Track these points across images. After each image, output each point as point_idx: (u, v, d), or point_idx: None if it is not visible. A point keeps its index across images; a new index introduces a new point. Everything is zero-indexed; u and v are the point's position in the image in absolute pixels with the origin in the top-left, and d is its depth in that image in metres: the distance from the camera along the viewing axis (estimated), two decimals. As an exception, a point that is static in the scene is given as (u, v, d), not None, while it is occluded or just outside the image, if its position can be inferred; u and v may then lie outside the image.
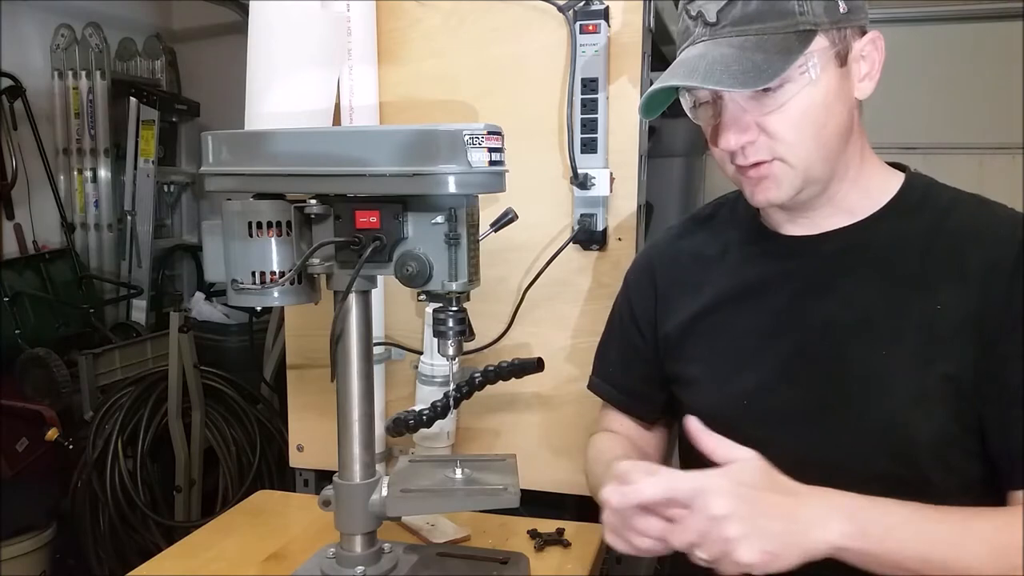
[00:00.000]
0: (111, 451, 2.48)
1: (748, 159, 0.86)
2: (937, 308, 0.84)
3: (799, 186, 0.87)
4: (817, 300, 0.90)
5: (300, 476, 1.61)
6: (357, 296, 0.98)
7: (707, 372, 0.99)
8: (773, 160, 0.85)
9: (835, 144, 0.86)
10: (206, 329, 2.96)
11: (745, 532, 0.70)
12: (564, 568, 1.15)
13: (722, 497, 0.71)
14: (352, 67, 1.36)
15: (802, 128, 0.84)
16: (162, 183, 3.57)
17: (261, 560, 1.17)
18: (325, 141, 0.92)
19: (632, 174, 1.35)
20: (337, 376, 0.99)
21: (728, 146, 0.86)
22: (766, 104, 0.83)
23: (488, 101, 1.40)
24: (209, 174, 0.96)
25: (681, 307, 1.03)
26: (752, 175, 0.88)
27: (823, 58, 0.82)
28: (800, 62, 0.81)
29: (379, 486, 1.00)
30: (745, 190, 0.91)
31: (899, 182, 0.92)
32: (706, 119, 0.90)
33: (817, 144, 0.85)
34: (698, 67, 0.82)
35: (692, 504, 0.72)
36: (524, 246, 1.39)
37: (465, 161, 0.85)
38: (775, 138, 0.84)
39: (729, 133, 0.85)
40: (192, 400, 2.58)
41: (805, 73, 0.82)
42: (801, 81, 0.82)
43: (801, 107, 0.83)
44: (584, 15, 1.30)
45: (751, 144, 0.85)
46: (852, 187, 0.91)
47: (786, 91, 0.82)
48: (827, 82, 0.83)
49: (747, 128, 0.85)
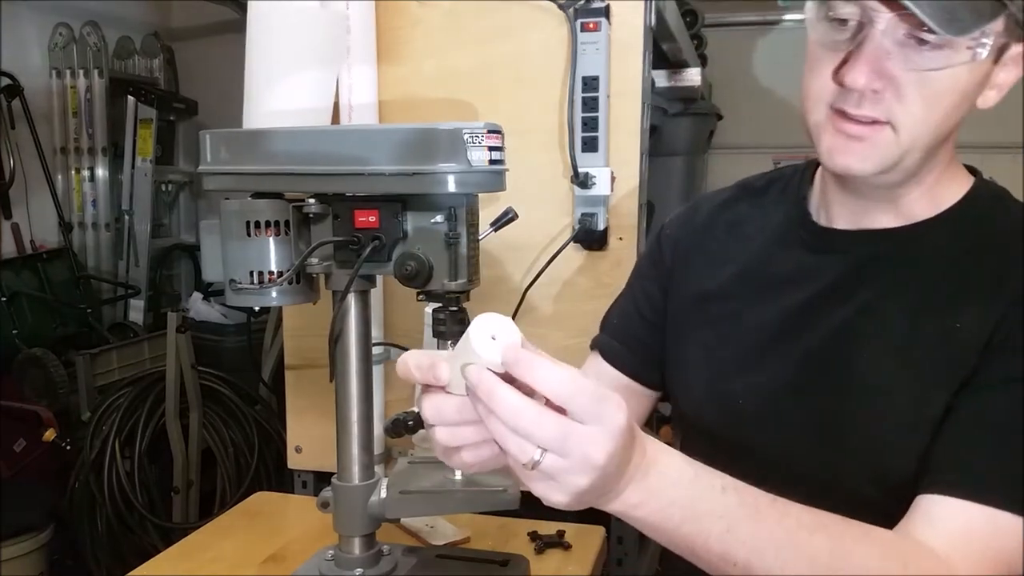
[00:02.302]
0: (109, 452, 2.48)
1: (860, 108, 0.74)
2: (957, 330, 0.76)
3: (890, 165, 0.76)
4: (836, 304, 0.83)
5: (298, 477, 1.60)
6: (356, 296, 0.97)
7: (705, 363, 0.93)
8: (883, 123, 0.74)
9: (944, 137, 0.77)
10: (204, 329, 2.96)
11: (591, 487, 0.58)
12: (564, 570, 1.15)
13: (610, 443, 0.57)
14: (351, 66, 1.36)
15: (935, 106, 0.73)
16: (160, 182, 3.57)
17: (259, 562, 1.17)
18: (324, 140, 0.91)
19: (633, 173, 1.34)
20: (336, 376, 0.99)
21: (856, 83, 0.72)
22: (917, 60, 0.70)
23: (488, 100, 1.40)
24: (207, 173, 0.95)
25: (699, 275, 0.96)
26: (852, 130, 0.75)
27: (994, 45, 0.71)
28: (978, 34, 0.69)
29: (378, 488, 1.00)
30: (827, 147, 0.77)
31: (963, 189, 0.84)
32: (831, 39, 0.75)
33: (936, 130, 0.74)
34: None
35: (583, 421, 0.57)
36: (524, 246, 1.38)
37: (465, 160, 0.84)
38: (902, 101, 0.72)
39: (864, 68, 0.71)
40: (190, 401, 2.58)
41: (974, 48, 0.70)
42: (964, 55, 0.70)
43: (947, 82, 0.72)
44: (585, 13, 1.29)
45: (875, 94, 0.72)
46: (922, 189, 0.81)
47: (943, 56, 0.70)
48: (980, 73, 0.73)
49: (883, 74, 0.72)
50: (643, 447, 0.63)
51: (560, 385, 0.57)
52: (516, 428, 0.57)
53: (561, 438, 0.57)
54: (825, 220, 0.88)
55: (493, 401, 0.57)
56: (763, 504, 0.67)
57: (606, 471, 0.58)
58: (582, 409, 0.57)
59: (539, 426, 0.56)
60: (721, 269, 0.94)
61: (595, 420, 0.57)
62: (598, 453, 0.57)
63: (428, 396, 0.62)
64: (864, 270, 0.83)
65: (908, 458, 0.76)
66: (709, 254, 0.96)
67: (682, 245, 1.00)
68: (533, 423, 0.56)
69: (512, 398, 0.56)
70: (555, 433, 0.56)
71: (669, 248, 1.01)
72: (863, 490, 0.79)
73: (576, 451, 0.57)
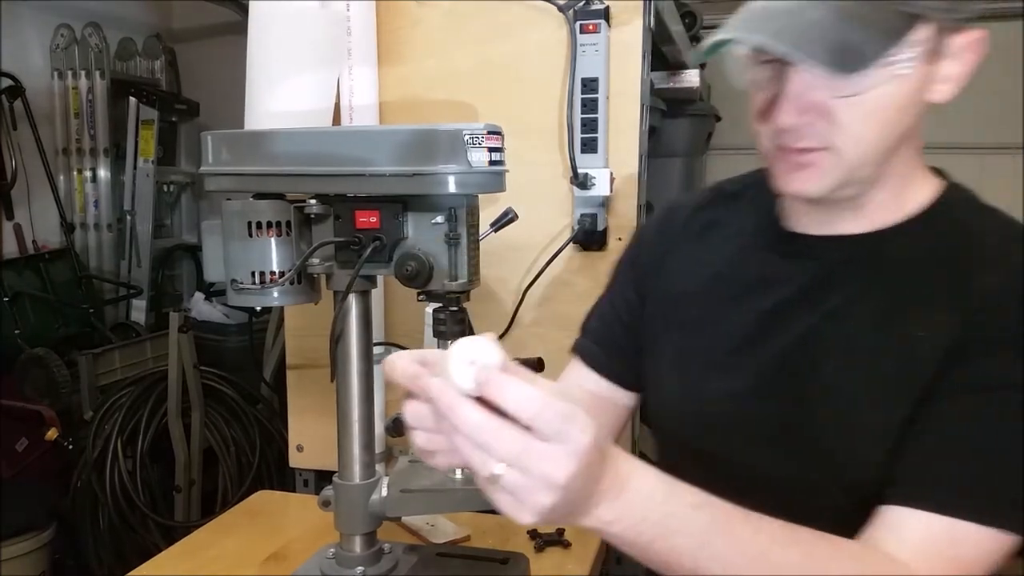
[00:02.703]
0: (111, 451, 2.48)
1: (798, 141, 0.75)
2: (920, 338, 0.75)
3: (841, 183, 0.77)
4: (804, 309, 0.83)
5: (300, 476, 1.61)
6: (357, 296, 0.97)
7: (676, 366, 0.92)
8: (824, 148, 0.75)
9: (893, 147, 0.76)
10: (206, 329, 2.96)
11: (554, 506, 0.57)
12: (564, 568, 1.15)
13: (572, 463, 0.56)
14: (352, 67, 1.36)
15: (871, 124, 0.73)
16: (161, 183, 3.57)
17: (261, 560, 1.17)
18: (325, 141, 0.92)
19: (632, 174, 1.35)
20: (337, 376, 0.99)
21: (783, 124, 0.74)
22: (841, 87, 0.71)
23: (488, 101, 1.40)
24: (209, 174, 0.96)
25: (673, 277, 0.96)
26: (794, 160, 0.77)
27: (920, 51, 0.71)
28: (898, 51, 0.69)
29: (379, 486, 1.00)
30: (778, 174, 0.80)
31: (931, 193, 0.83)
32: (760, 81, 0.77)
33: (878, 144, 0.75)
34: (788, 27, 0.68)
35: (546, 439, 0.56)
36: (524, 246, 1.38)
37: (465, 161, 0.85)
38: (837, 126, 0.73)
39: (789, 109, 0.73)
40: (192, 400, 2.58)
41: (898, 65, 0.70)
42: (885, 74, 0.70)
43: (879, 101, 0.72)
44: (584, 15, 1.30)
45: (809, 126, 0.74)
46: (886, 195, 0.81)
47: (869, 78, 0.70)
48: (914, 80, 0.72)
49: (810, 107, 0.73)
50: (616, 465, 0.62)
51: (527, 403, 0.56)
52: (477, 442, 0.57)
53: (521, 454, 0.56)
54: (795, 226, 0.88)
55: (454, 416, 0.57)
56: (736, 520, 0.67)
57: (569, 490, 0.57)
58: (547, 427, 0.56)
59: (499, 440, 0.56)
60: (694, 272, 0.94)
61: (558, 438, 0.56)
62: (559, 472, 0.56)
63: (410, 401, 0.64)
64: (832, 276, 0.82)
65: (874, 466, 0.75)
66: (684, 257, 0.97)
67: (658, 248, 1.00)
68: (493, 437, 0.56)
69: (473, 413, 0.57)
70: (515, 448, 0.56)
71: (646, 251, 1.02)
72: (834, 499, 0.78)
73: (536, 468, 0.56)
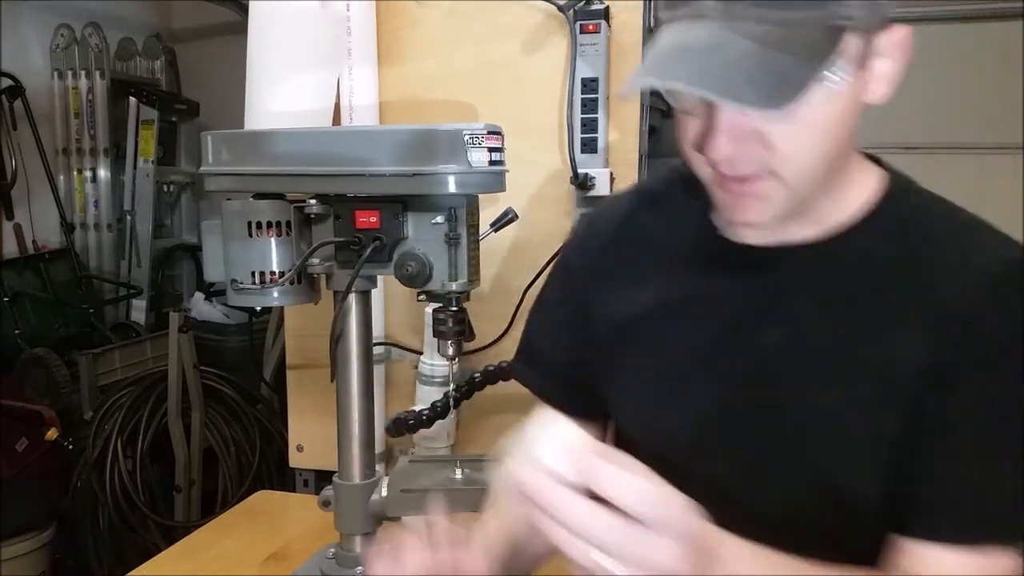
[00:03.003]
0: (111, 451, 2.48)
1: (736, 170, 0.71)
2: (895, 351, 0.72)
3: (788, 206, 0.72)
4: (763, 324, 0.78)
5: (300, 476, 1.61)
6: (357, 296, 0.98)
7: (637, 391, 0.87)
8: (765, 175, 0.70)
9: (836, 158, 0.72)
10: (206, 329, 2.96)
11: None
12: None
13: (677, 547, 0.57)
14: (352, 67, 1.36)
15: (810, 144, 0.69)
16: (161, 183, 3.57)
17: (261, 560, 1.17)
18: (325, 141, 0.92)
19: (632, 174, 1.35)
20: (337, 376, 0.99)
21: (718, 156, 0.70)
22: (774, 115, 0.66)
23: (488, 101, 1.40)
24: (209, 174, 0.96)
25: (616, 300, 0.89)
26: (736, 190, 0.72)
27: (850, 63, 0.67)
28: (828, 67, 0.65)
29: (379, 486, 1.00)
30: (722, 206, 0.75)
31: (875, 186, 0.78)
32: (690, 108, 0.72)
33: (820, 160, 0.70)
34: (712, 67, 0.64)
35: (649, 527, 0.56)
36: (524, 246, 1.38)
37: (465, 161, 0.85)
38: (775, 151, 0.69)
39: (722, 139, 0.69)
40: (192, 400, 2.58)
41: (830, 81, 0.66)
42: (824, 91, 0.66)
43: (815, 119, 0.67)
44: (584, 15, 1.30)
45: (744, 154, 0.70)
46: (831, 197, 0.76)
47: (803, 102, 0.65)
48: (848, 91, 0.68)
49: (744, 136, 0.69)
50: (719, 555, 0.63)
51: (630, 492, 0.56)
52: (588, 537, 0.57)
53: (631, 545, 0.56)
54: (736, 234, 0.81)
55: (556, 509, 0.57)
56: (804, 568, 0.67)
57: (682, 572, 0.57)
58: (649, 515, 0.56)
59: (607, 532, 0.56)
60: (638, 292, 0.87)
61: (661, 527, 0.56)
62: (663, 555, 0.56)
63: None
64: (790, 285, 0.78)
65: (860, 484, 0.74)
66: (621, 277, 0.89)
67: (589, 272, 0.92)
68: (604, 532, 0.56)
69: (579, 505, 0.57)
70: (623, 540, 0.56)
71: (576, 276, 0.93)
72: (826, 519, 0.76)
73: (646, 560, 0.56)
